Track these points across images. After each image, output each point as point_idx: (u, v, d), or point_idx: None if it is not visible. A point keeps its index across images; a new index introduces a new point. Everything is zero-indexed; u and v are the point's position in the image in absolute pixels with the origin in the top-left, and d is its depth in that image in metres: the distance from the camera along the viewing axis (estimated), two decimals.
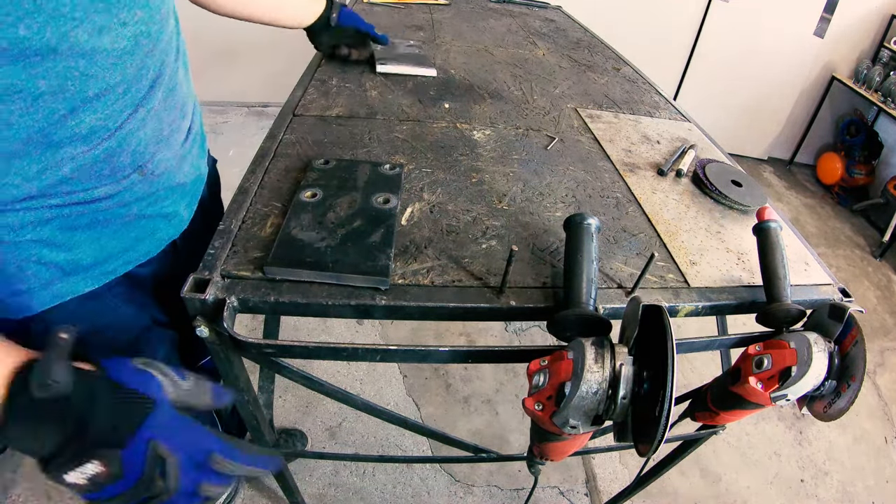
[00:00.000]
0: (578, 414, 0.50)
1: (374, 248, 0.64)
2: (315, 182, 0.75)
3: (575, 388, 0.49)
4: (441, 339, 1.92)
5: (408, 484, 1.49)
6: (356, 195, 0.73)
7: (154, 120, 0.61)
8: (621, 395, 0.49)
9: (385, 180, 0.78)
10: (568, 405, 0.49)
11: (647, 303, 0.53)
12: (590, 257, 0.61)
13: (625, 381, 0.49)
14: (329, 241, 0.64)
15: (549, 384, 0.53)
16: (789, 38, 3.29)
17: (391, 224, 0.69)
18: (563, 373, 0.51)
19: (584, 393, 0.49)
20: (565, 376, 0.51)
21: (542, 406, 0.53)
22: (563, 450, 0.64)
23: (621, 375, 0.49)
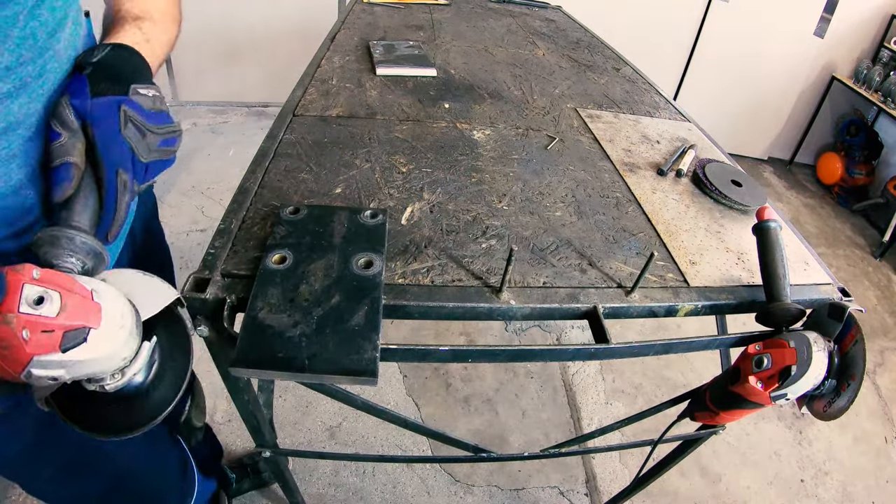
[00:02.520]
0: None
1: (358, 333, 0.54)
2: (284, 240, 0.64)
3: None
4: (441, 338, 1.92)
5: (408, 484, 1.49)
6: (333, 257, 0.62)
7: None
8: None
9: (366, 233, 0.67)
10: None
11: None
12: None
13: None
14: (303, 325, 0.54)
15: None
16: (789, 38, 3.29)
17: (376, 297, 0.58)
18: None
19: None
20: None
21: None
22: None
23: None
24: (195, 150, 2.81)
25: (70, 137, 0.47)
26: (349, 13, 1.67)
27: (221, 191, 2.49)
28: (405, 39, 1.46)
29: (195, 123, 3.06)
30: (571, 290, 0.67)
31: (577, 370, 1.93)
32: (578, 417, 1.76)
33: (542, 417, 1.73)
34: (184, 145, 0.62)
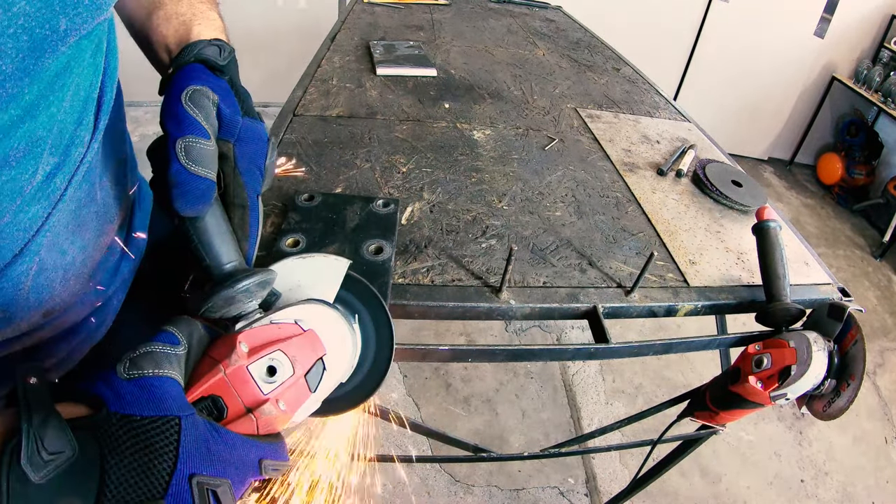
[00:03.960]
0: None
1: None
2: (298, 225, 0.66)
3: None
4: (441, 338, 1.92)
5: (408, 484, 1.49)
6: (344, 244, 0.64)
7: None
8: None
9: (378, 220, 0.69)
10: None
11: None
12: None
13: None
14: None
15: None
16: (789, 38, 3.29)
17: (385, 282, 0.60)
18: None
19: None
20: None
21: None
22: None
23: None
24: None
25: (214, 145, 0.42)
26: (349, 13, 1.67)
27: None
28: (405, 39, 1.46)
29: None
30: (571, 289, 0.67)
31: (577, 370, 1.93)
32: (578, 417, 1.76)
33: (542, 417, 1.73)
34: None
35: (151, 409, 0.33)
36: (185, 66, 0.44)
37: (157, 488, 0.31)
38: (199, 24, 0.49)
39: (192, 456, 0.33)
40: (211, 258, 0.42)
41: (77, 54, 0.40)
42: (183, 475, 0.32)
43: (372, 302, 0.47)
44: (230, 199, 0.45)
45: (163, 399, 0.33)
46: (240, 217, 0.45)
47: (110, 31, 0.46)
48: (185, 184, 0.39)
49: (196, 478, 0.32)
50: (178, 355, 0.35)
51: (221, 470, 0.34)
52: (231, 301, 0.40)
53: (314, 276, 0.47)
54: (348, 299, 0.47)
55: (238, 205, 0.45)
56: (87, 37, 0.40)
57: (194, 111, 0.40)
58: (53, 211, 0.41)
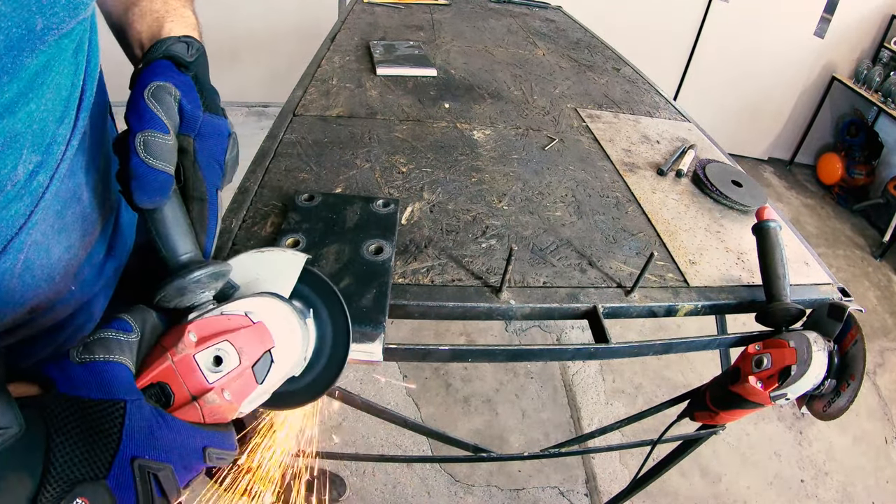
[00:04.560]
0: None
1: (366, 314, 0.56)
2: (298, 225, 0.66)
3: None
4: (441, 338, 1.92)
5: (408, 484, 1.49)
6: (345, 244, 0.64)
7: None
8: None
9: (378, 220, 0.69)
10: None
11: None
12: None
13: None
14: None
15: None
16: (789, 38, 3.29)
17: (385, 282, 0.60)
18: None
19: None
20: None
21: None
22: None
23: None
24: None
25: (174, 140, 0.43)
26: (349, 13, 1.67)
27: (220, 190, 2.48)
28: (405, 39, 1.46)
29: None
30: (571, 289, 0.67)
31: (577, 370, 1.93)
32: (578, 417, 1.76)
33: (542, 417, 1.73)
34: None
35: (99, 392, 0.34)
36: (152, 62, 0.45)
37: (99, 468, 0.32)
38: (171, 21, 0.50)
39: (135, 439, 0.34)
40: (167, 249, 0.43)
41: (57, 53, 0.40)
42: (125, 457, 0.33)
43: (331, 299, 0.48)
44: (189, 193, 0.45)
45: (111, 383, 0.34)
46: (198, 210, 0.46)
47: (92, 31, 0.47)
48: (143, 177, 0.40)
49: (138, 461, 0.33)
50: (129, 342, 0.36)
51: (164, 455, 0.35)
52: (183, 291, 0.41)
53: (272, 270, 0.47)
54: (307, 295, 0.47)
55: (197, 198, 0.45)
56: (68, 36, 0.41)
57: (155, 106, 0.41)
58: (36, 209, 0.42)
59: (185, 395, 0.37)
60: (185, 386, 0.37)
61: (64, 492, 0.31)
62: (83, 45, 0.45)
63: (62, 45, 0.41)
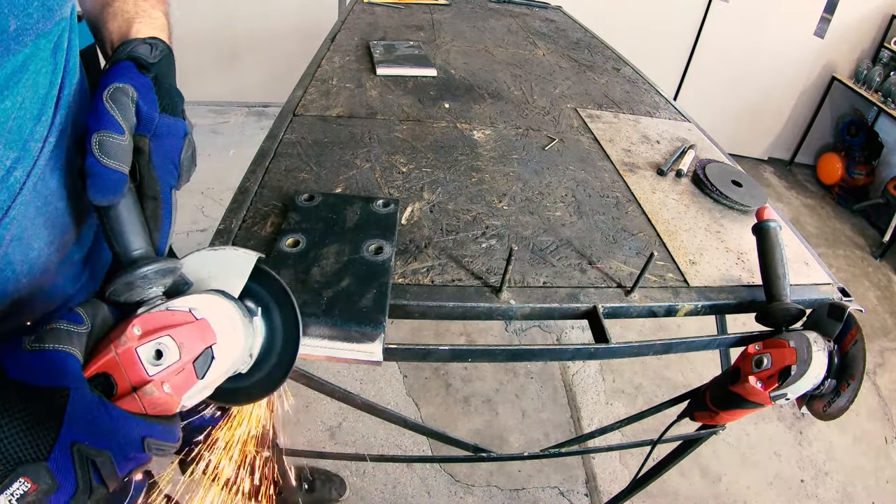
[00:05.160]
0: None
1: (366, 314, 0.56)
2: (298, 225, 0.66)
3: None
4: (441, 338, 1.92)
5: (408, 484, 1.49)
6: (345, 244, 0.64)
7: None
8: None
9: (378, 220, 0.69)
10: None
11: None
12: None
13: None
14: (313, 307, 0.56)
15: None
16: (789, 38, 3.29)
17: (385, 282, 0.60)
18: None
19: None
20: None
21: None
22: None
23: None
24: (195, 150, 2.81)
25: (129, 140, 0.44)
26: (349, 13, 1.67)
27: (221, 191, 2.49)
28: (405, 39, 1.46)
29: (195, 123, 3.05)
30: (571, 289, 0.67)
31: (577, 370, 1.93)
32: (578, 417, 1.76)
33: (542, 417, 1.73)
34: None
35: (46, 379, 0.36)
36: (116, 63, 0.46)
37: (41, 450, 0.34)
38: (139, 22, 0.52)
39: (75, 425, 0.35)
40: (119, 246, 0.44)
41: (34, 53, 0.42)
42: (65, 441, 0.35)
43: (283, 299, 0.48)
44: (144, 192, 0.47)
45: (57, 371, 0.36)
46: (152, 209, 0.47)
47: (72, 30, 0.48)
48: (97, 175, 0.42)
49: (77, 445, 0.35)
50: (79, 333, 0.38)
51: (103, 442, 0.36)
52: (131, 286, 0.42)
53: (224, 268, 0.48)
54: (259, 293, 0.48)
55: (150, 197, 0.47)
56: (45, 36, 0.42)
57: (112, 108, 0.43)
58: (14, 204, 0.43)
59: (126, 387, 0.38)
60: (126, 377, 0.38)
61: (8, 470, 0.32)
62: (62, 45, 0.46)
63: (39, 45, 0.42)
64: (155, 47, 0.49)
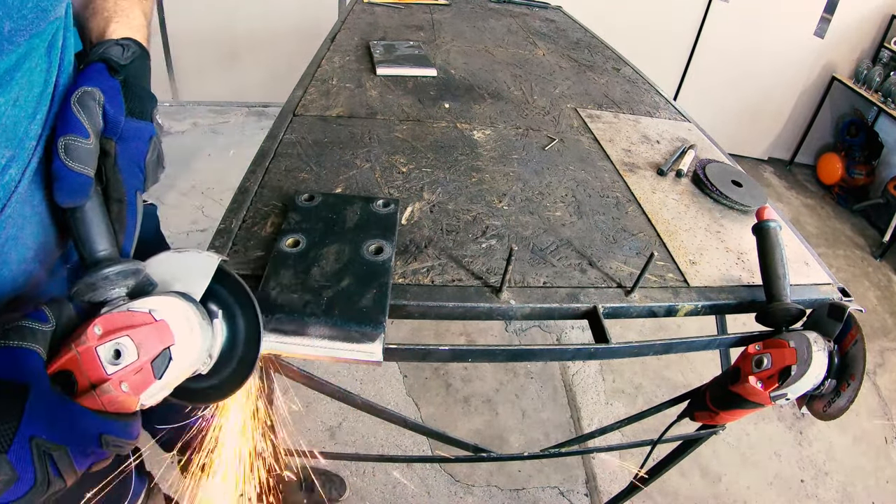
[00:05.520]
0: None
1: (366, 314, 0.56)
2: (298, 225, 0.66)
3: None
4: (441, 338, 1.92)
5: (408, 484, 1.49)
6: (345, 245, 0.64)
7: None
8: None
9: (378, 221, 0.69)
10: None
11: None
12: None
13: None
14: (313, 305, 0.56)
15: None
16: (789, 38, 3.29)
17: (385, 282, 0.60)
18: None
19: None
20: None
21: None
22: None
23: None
24: (195, 150, 2.81)
25: (95, 143, 0.44)
26: (349, 13, 1.67)
27: (221, 191, 2.49)
28: (405, 39, 1.46)
29: (195, 123, 3.06)
30: (571, 289, 0.67)
31: (577, 370, 1.93)
32: (578, 417, 1.76)
33: (542, 417, 1.73)
34: (184, 146, 0.60)
35: (9, 374, 0.37)
36: (88, 65, 0.47)
37: (2, 443, 0.35)
38: (116, 22, 0.52)
39: (35, 420, 0.36)
40: (84, 247, 0.45)
41: (28, 52, 0.42)
42: (25, 435, 0.36)
43: (245, 301, 0.49)
44: (110, 194, 0.47)
45: (20, 367, 0.37)
46: (117, 211, 0.48)
47: (66, 29, 0.48)
48: (63, 178, 0.43)
49: (36, 439, 0.36)
50: (43, 331, 0.39)
51: (60, 437, 0.37)
52: (93, 287, 0.43)
53: (187, 270, 0.49)
54: (222, 295, 0.49)
55: (116, 199, 0.47)
56: (39, 35, 0.42)
57: (79, 111, 0.43)
58: (9, 202, 0.43)
59: (86, 384, 0.40)
60: (86, 375, 0.40)
61: None
62: (56, 43, 0.46)
63: (33, 45, 0.42)
64: (127, 48, 0.50)
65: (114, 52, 0.49)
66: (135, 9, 0.55)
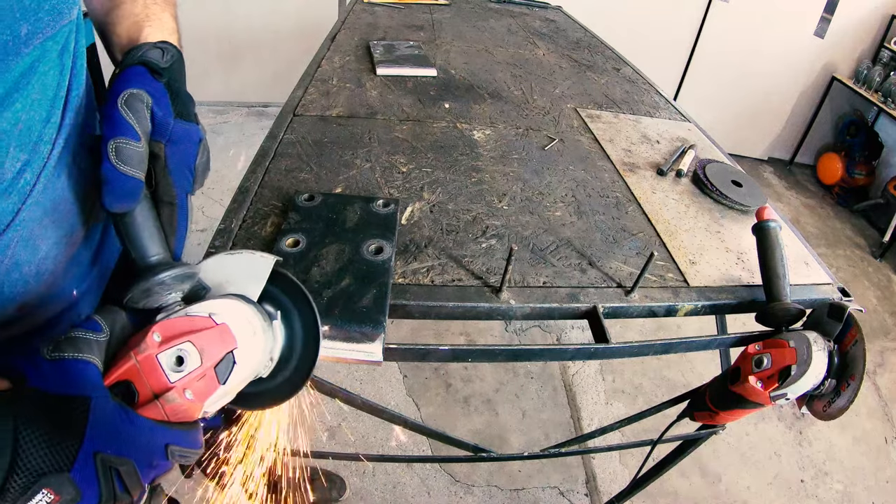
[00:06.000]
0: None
1: (366, 314, 0.56)
2: (298, 225, 0.66)
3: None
4: (441, 338, 1.92)
5: (408, 484, 1.49)
6: (345, 244, 0.64)
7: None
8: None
9: (378, 220, 0.69)
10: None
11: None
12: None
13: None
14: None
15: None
16: (789, 38, 3.29)
17: (385, 282, 0.60)
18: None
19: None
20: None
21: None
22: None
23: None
24: None
25: (145, 146, 0.44)
26: (349, 13, 1.67)
27: (221, 191, 2.49)
28: (405, 39, 1.46)
29: None
30: (571, 289, 0.67)
31: (577, 370, 1.93)
32: (578, 417, 1.76)
33: (542, 417, 1.73)
34: None
35: (67, 388, 0.35)
36: (127, 68, 0.46)
37: (64, 461, 0.33)
38: (149, 26, 0.51)
39: (98, 434, 0.35)
40: (136, 251, 0.44)
41: (42, 55, 0.41)
42: (88, 451, 0.34)
43: (301, 301, 0.48)
44: (160, 197, 0.46)
45: (78, 380, 0.36)
46: (168, 214, 0.47)
47: (78, 32, 0.47)
48: (113, 182, 0.42)
49: (100, 455, 0.35)
50: (98, 341, 0.38)
51: (126, 451, 0.36)
52: (149, 293, 0.42)
53: (241, 272, 0.48)
54: (278, 297, 0.48)
55: (167, 202, 0.47)
56: (52, 38, 0.42)
57: (127, 114, 0.42)
58: (24, 207, 0.43)
59: (148, 394, 0.38)
60: (147, 385, 0.38)
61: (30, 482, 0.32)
62: (69, 46, 0.46)
63: (47, 47, 0.42)
64: (166, 52, 0.49)
65: (153, 56, 0.48)
66: (165, 13, 0.54)
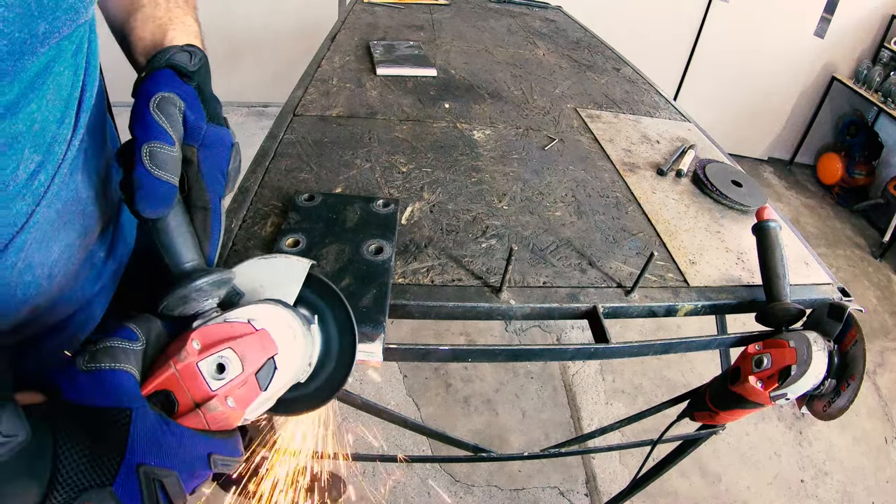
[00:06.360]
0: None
1: (366, 314, 0.56)
2: (298, 225, 0.66)
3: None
4: (441, 338, 1.92)
5: (408, 484, 1.49)
6: (345, 244, 0.64)
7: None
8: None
9: (378, 220, 0.69)
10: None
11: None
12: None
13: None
14: None
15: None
16: (789, 38, 3.29)
17: (385, 282, 0.60)
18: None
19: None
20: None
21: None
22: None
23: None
24: None
25: (178, 150, 0.43)
26: (349, 13, 1.67)
27: None
28: (405, 39, 1.46)
29: None
30: (571, 289, 0.67)
31: (577, 370, 1.93)
32: (578, 417, 1.76)
33: (542, 417, 1.73)
34: None
35: (105, 399, 0.34)
36: (155, 71, 0.45)
37: (106, 475, 0.32)
38: (174, 29, 0.51)
39: (140, 446, 0.34)
40: (171, 258, 0.43)
41: (57, 55, 0.41)
42: (131, 464, 0.33)
43: (336, 304, 0.47)
44: (193, 202, 0.46)
45: (116, 391, 0.35)
46: (202, 219, 0.46)
47: (91, 32, 0.47)
48: (147, 186, 0.41)
49: (143, 468, 0.34)
50: (135, 351, 0.37)
51: (169, 462, 0.35)
52: (186, 299, 0.41)
53: (277, 276, 0.47)
54: (313, 300, 0.47)
55: (200, 207, 0.46)
56: (68, 38, 0.41)
57: (160, 117, 0.42)
58: (38, 208, 0.42)
59: (188, 403, 0.37)
60: (188, 393, 0.37)
61: (71, 498, 0.31)
62: (83, 46, 0.45)
63: (62, 47, 0.41)
64: (194, 55, 0.48)
65: (181, 59, 0.47)
66: (188, 16, 0.54)
